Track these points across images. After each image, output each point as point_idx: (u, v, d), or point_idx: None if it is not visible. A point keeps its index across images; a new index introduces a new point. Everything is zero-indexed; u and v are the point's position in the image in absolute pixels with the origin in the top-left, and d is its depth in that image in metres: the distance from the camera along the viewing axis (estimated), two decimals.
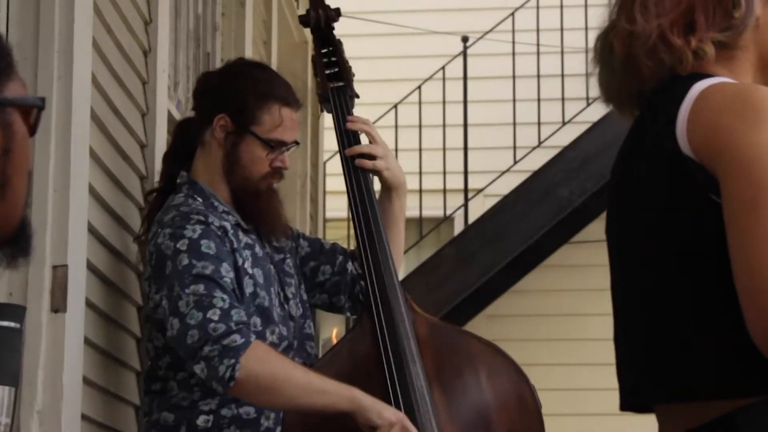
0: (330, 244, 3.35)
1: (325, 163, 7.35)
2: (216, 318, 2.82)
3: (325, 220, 7.37)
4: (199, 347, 2.81)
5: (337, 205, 7.47)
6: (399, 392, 2.94)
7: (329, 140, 6.42)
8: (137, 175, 3.39)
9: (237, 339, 2.81)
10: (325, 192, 7.41)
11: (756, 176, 1.73)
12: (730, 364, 1.78)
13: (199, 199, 3.05)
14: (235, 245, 2.99)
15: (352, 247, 3.37)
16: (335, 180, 3.28)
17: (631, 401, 1.96)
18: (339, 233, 8.08)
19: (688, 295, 1.82)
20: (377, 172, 3.21)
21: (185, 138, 3.19)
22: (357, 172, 3.21)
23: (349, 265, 3.31)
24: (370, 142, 3.23)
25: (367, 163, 3.20)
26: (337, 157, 3.26)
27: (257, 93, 3.09)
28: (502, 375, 3.07)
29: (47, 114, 2.79)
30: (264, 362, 2.82)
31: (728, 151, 1.76)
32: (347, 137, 3.25)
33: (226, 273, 2.91)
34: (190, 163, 3.14)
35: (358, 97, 3.36)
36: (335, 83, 3.30)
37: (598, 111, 7.39)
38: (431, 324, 3.12)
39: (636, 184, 1.91)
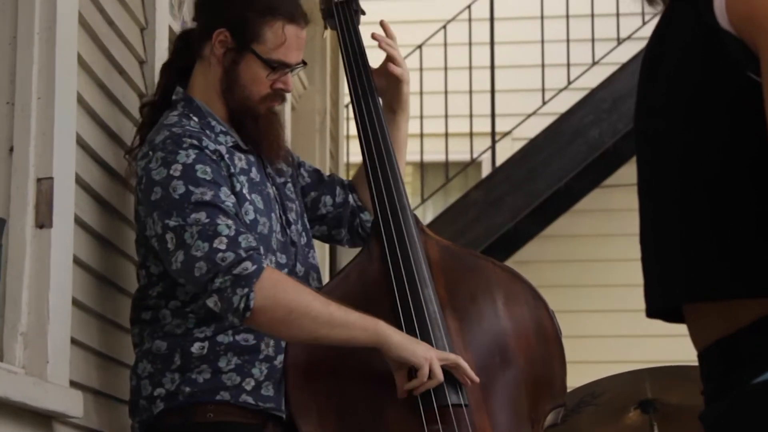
0: (329, 176, 3.18)
1: (347, 106, 7.17)
2: (223, 247, 2.63)
3: (348, 165, 7.19)
4: (209, 279, 2.63)
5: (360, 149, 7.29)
6: (412, 317, 2.75)
7: None
8: (135, 92, 3.22)
9: (248, 266, 2.62)
10: (348, 136, 7.23)
11: None
12: None
13: (195, 118, 2.86)
14: (232, 170, 2.80)
15: None
16: None
17: (660, 303, 1.76)
18: None
19: (727, 183, 1.63)
20: (401, 82, 3.08)
21: (186, 50, 3.00)
22: (365, 88, 3.04)
23: (350, 197, 3.15)
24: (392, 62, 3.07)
25: (396, 69, 3.06)
26: None
27: (260, 8, 2.88)
28: (519, 299, 2.89)
29: (29, 17, 2.63)
30: (280, 290, 2.63)
31: None
32: (354, 56, 3.07)
33: (227, 197, 2.72)
34: (188, 78, 2.96)
35: (364, 13, 3.17)
36: None
37: (629, 51, 7.19)
38: (443, 247, 2.95)
39: (670, 66, 1.72)
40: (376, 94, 3.05)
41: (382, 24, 3.11)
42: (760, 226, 1.60)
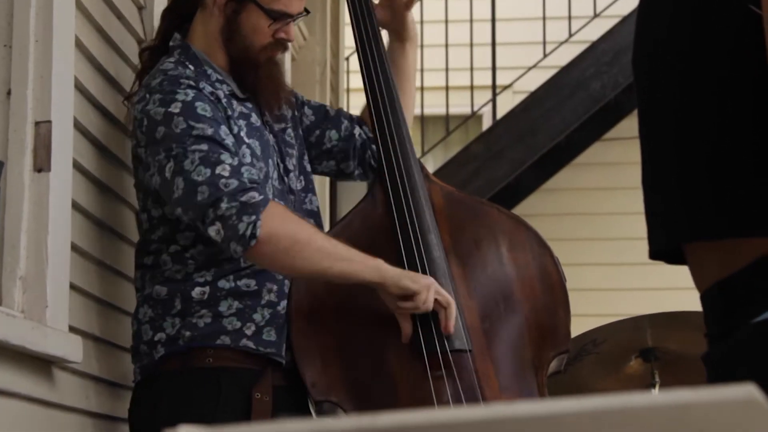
0: (335, 110, 3.16)
1: (347, 59, 7.12)
2: (226, 174, 2.61)
3: None
4: (211, 204, 2.58)
5: (360, 103, 7.25)
6: (416, 263, 2.73)
7: (350, 36, 6.17)
8: (134, 37, 3.18)
9: (255, 196, 2.59)
10: (349, 89, 7.19)
11: None
12: None
13: (191, 66, 2.83)
14: (229, 113, 2.78)
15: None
16: (359, 77, 3.06)
17: (662, 244, 1.73)
18: None
19: (725, 121, 1.59)
20: (405, 10, 3.08)
21: None
22: (370, 34, 3.00)
23: (357, 130, 3.12)
24: None
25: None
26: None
27: None
28: (523, 246, 2.87)
29: None
30: (285, 221, 2.61)
31: None
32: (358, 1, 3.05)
33: (226, 136, 2.70)
34: (188, 24, 2.92)
35: None
36: None
37: (630, 3, 7.12)
38: (448, 193, 2.93)
39: (669, 2, 1.68)
40: (381, 40, 3.02)
41: None
42: (758, 165, 1.56)
